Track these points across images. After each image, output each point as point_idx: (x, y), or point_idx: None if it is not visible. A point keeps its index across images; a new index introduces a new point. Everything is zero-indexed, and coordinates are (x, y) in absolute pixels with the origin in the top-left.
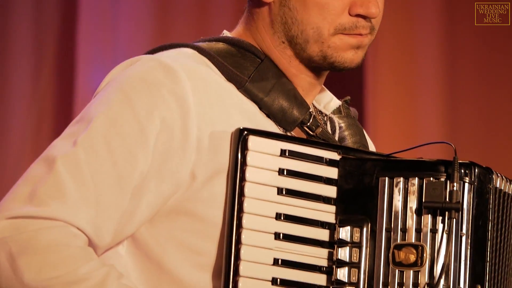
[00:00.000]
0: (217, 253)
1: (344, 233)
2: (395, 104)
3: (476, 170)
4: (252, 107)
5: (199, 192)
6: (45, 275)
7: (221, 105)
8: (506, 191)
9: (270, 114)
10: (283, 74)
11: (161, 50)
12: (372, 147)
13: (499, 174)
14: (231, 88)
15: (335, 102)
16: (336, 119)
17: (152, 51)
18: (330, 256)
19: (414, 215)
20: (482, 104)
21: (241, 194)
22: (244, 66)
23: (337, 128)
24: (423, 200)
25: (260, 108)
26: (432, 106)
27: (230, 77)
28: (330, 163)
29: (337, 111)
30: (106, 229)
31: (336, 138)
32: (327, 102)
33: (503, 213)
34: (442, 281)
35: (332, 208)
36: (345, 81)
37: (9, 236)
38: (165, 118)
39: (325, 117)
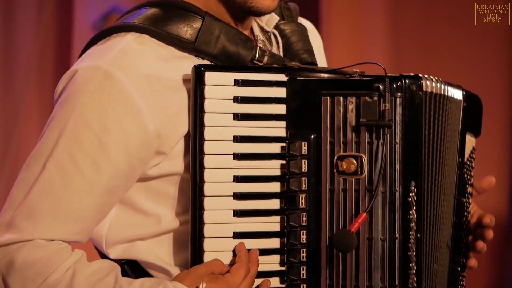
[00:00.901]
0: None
1: (294, 146)
2: (347, 15)
3: (406, 81)
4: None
5: (166, 158)
6: None
7: (171, 84)
8: (438, 92)
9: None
10: (223, 22)
11: (104, 36)
12: (317, 41)
13: (429, 78)
14: (182, 55)
15: (274, 18)
16: (280, 27)
17: (97, 38)
18: (282, 168)
19: (353, 129)
20: (423, 18)
21: (201, 124)
22: (190, 28)
23: (280, 40)
24: (360, 118)
25: (213, 62)
26: (379, 19)
27: (179, 46)
28: (278, 84)
29: (280, 17)
30: (83, 229)
31: (281, 51)
32: (267, 19)
33: (437, 112)
34: (380, 186)
35: (283, 124)
36: None
37: None
38: (119, 124)
39: (269, 33)
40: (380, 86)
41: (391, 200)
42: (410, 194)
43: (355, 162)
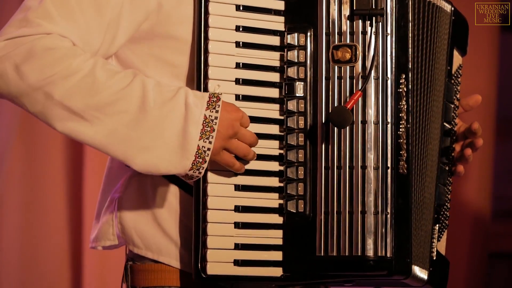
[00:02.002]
0: (190, 64)
1: (292, 38)
2: None
3: None
4: None
5: (168, 16)
6: (46, 74)
7: None
8: None
9: None
10: None
11: None
12: None
13: None
14: None
15: None
16: None
17: None
18: (281, 59)
19: (348, 21)
20: None
21: (206, 12)
22: None
23: None
24: (354, 8)
25: None
26: None
27: None
28: None
29: None
30: (89, 43)
31: None
32: None
33: (427, 17)
34: (372, 73)
35: (281, 19)
36: None
37: (11, 51)
38: None
39: None
40: None
41: (383, 86)
42: (401, 86)
43: (349, 50)
